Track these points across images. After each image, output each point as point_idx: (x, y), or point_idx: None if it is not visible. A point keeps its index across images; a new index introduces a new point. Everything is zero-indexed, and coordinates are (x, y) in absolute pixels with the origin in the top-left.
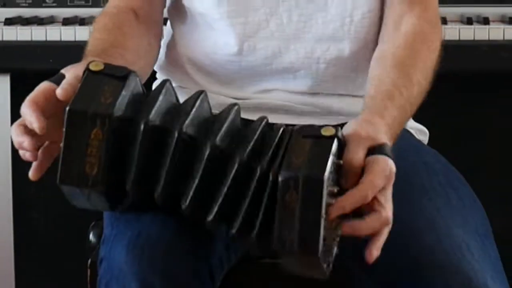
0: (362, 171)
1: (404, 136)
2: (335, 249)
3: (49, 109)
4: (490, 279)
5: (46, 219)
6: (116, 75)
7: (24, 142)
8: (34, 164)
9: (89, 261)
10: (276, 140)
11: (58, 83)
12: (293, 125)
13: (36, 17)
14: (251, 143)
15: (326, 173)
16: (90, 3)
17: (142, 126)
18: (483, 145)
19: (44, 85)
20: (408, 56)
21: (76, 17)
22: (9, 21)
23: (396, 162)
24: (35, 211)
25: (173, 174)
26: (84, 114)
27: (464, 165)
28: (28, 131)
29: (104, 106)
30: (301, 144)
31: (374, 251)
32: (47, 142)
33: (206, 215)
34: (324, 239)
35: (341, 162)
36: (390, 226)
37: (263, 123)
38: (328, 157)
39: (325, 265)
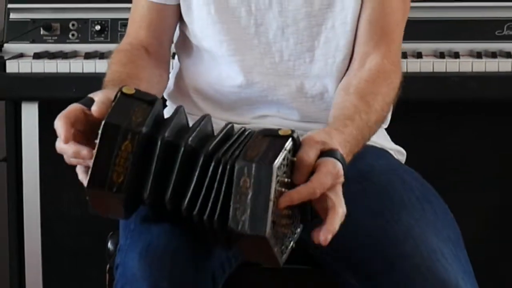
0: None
1: (385, 156)
2: (291, 243)
3: (78, 125)
4: (461, 280)
5: (71, 231)
6: (146, 99)
7: (82, 151)
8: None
9: (108, 266)
10: (242, 138)
11: (86, 105)
12: None
13: (61, 51)
14: (216, 140)
15: (276, 163)
16: (108, 40)
17: (159, 142)
18: (455, 164)
19: (74, 105)
20: (369, 88)
21: (96, 51)
22: (37, 56)
23: (376, 177)
24: (61, 225)
25: (179, 181)
26: (118, 128)
27: (438, 181)
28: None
29: (135, 123)
30: (259, 141)
31: (328, 235)
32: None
33: (192, 210)
34: (274, 222)
35: (295, 159)
36: (341, 212)
37: (228, 127)
38: (280, 151)
39: (276, 249)
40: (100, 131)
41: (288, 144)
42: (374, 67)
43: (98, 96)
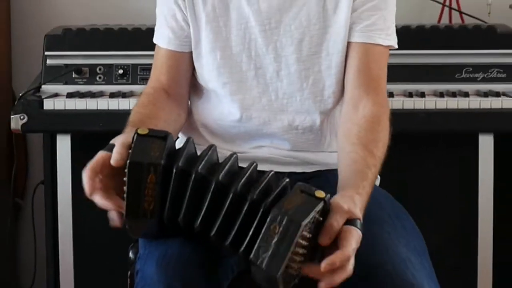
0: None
1: None
2: (295, 279)
3: (105, 170)
4: (427, 285)
5: (98, 243)
6: (159, 136)
7: (107, 205)
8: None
9: (129, 273)
10: (280, 188)
11: (109, 150)
12: (284, 173)
13: (89, 92)
14: (261, 186)
15: (305, 222)
16: (130, 82)
17: (174, 170)
18: (421, 186)
19: (100, 154)
20: (370, 137)
21: (119, 91)
22: (69, 95)
23: None
24: (90, 237)
25: (191, 203)
26: (142, 165)
27: (407, 201)
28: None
29: (155, 158)
30: (297, 195)
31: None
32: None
33: (210, 231)
34: (287, 267)
35: (321, 219)
36: (348, 272)
37: (252, 166)
38: (311, 211)
39: (282, 286)
40: (126, 170)
41: (319, 207)
42: (368, 113)
43: (117, 141)
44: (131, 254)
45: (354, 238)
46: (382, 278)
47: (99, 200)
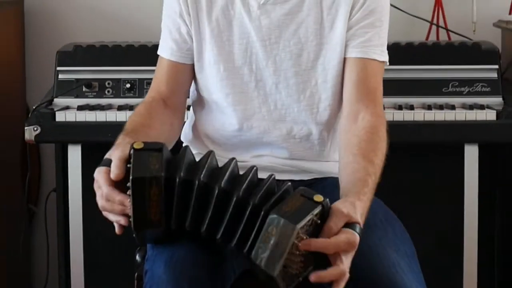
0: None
1: None
2: (299, 278)
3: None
4: (415, 287)
5: (107, 247)
6: (155, 148)
7: (121, 221)
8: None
9: (136, 274)
10: (281, 192)
11: (106, 164)
12: (283, 180)
13: (99, 104)
14: (262, 190)
15: (300, 225)
16: (136, 95)
17: (177, 180)
18: (411, 194)
19: (100, 169)
20: (369, 147)
21: (127, 104)
22: (80, 108)
23: None
24: (98, 241)
25: (196, 210)
26: (144, 179)
27: (397, 208)
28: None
29: (155, 171)
30: (296, 199)
31: None
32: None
33: (215, 235)
34: (286, 267)
35: (319, 221)
36: (346, 278)
37: (271, 178)
38: (307, 215)
39: (281, 285)
40: (130, 186)
41: (317, 210)
42: (367, 124)
43: (114, 156)
44: (137, 257)
45: (348, 239)
46: (373, 281)
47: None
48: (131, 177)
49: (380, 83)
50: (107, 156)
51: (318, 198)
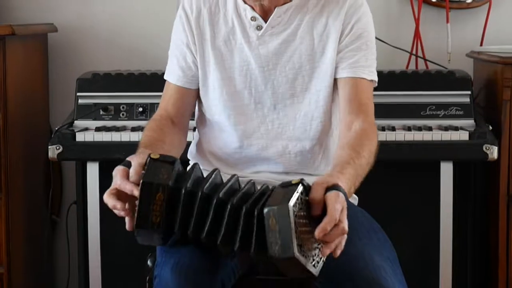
0: (324, 203)
1: None
2: (320, 257)
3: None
4: None
5: (122, 253)
6: (168, 161)
7: (117, 205)
8: (127, 219)
9: (147, 278)
10: (268, 193)
11: (126, 165)
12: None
13: (114, 126)
14: (254, 197)
15: (291, 203)
16: (148, 118)
17: (183, 191)
18: (392, 206)
19: (119, 167)
20: (357, 142)
21: (139, 126)
22: (97, 129)
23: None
24: (114, 248)
25: (199, 218)
26: (152, 184)
27: (380, 218)
28: (117, 197)
29: (163, 179)
30: (278, 192)
31: (338, 251)
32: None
33: (215, 241)
34: (300, 246)
35: (307, 198)
36: (345, 235)
37: (249, 183)
38: (293, 194)
39: (307, 264)
40: (139, 188)
41: (299, 188)
42: (359, 129)
43: (134, 161)
44: (149, 262)
45: (336, 200)
46: (360, 283)
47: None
48: (141, 180)
49: (370, 98)
50: (128, 158)
51: (295, 180)
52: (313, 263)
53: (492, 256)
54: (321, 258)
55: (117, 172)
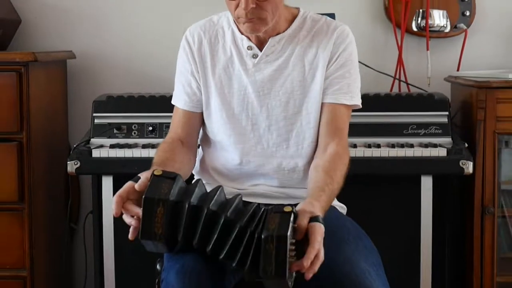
0: (307, 230)
1: (333, 211)
2: (293, 275)
3: (131, 195)
4: None
5: (134, 258)
6: (169, 177)
7: (131, 222)
8: (131, 229)
9: (156, 280)
10: (260, 214)
11: (136, 180)
12: (270, 205)
13: (126, 144)
14: (246, 216)
15: (288, 233)
16: (157, 136)
17: (186, 205)
18: (377, 215)
19: (128, 184)
20: (331, 166)
21: (149, 143)
22: (112, 146)
23: (328, 225)
24: (127, 254)
25: (203, 232)
26: (153, 200)
27: (366, 227)
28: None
29: (164, 194)
30: (273, 217)
31: (310, 274)
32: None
33: (219, 255)
34: (289, 269)
35: (296, 225)
36: (321, 260)
37: (254, 206)
38: (289, 224)
39: (289, 282)
40: (142, 202)
41: (292, 218)
42: (333, 151)
43: (142, 176)
44: (158, 266)
45: (318, 232)
46: (347, 284)
47: (124, 218)
48: (143, 196)
49: (346, 123)
50: (139, 174)
51: (287, 208)
52: (291, 279)
53: (467, 261)
54: (294, 275)
55: (124, 186)
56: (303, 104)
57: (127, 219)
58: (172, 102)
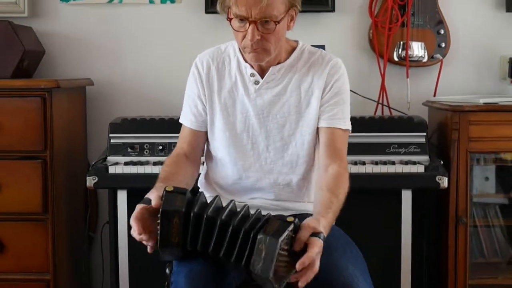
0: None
1: None
2: (287, 279)
3: (143, 217)
4: None
5: (146, 264)
6: (180, 192)
7: (142, 238)
8: (148, 246)
9: (166, 283)
10: (263, 220)
11: (146, 203)
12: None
13: (139, 161)
14: (250, 220)
15: (281, 238)
16: (167, 154)
17: (192, 214)
18: (363, 225)
19: (139, 206)
20: (335, 185)
21: (159, 161)
22: (126, 163)
23: None
24: (140, 260)
25: (206, 235)
26: (170, 212)
27: (354, 235)
28: (142, 228)
29: (178, 207)
30: (274, 222)
31: (304, 283)
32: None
33: (218, 254)
34: (276, 271)
35: (294, 235)
36: (315, 270)
37: (257, 212)
38: (285, 231)
39: (276, 285)
40: (160, 215)
41: (291, 227)
42: (334, 172)
43: (152, 196)
44: (167, 270)
45: (316, 245)
46: (336, 287)
47: (138, 236)
48: (160, 210)
49: (345, 145)
50: (147, 196)
51: (290, 219)
52: (280, 283)
53: (443, 266)
54: (286, 280)
55: (135, 212)
56: (298, 127)
57: (137, 236)
58: (180, 121)
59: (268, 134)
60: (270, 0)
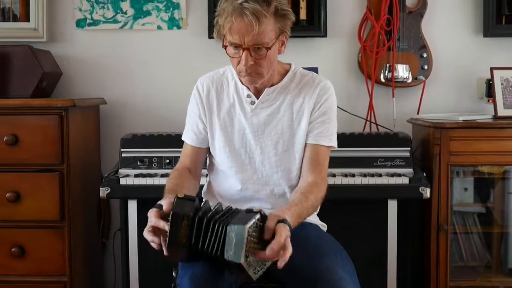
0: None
1: (315, 228)
2: (261, 269)
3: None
4: None
5: (155, 267)
6: (190, 199)
7: (154, 240)
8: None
9: (172, 285)
10: (233, 213)
11: (157, 207)
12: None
13: (148, 173)
14: (221, 213)
15: (247, 225)
16: (173, 167)
17: (197, 218)
18: (352, 232)
19: (152, 210)
20: (307, 189)
21: (167, 173)
22: (136, 176)
23: (311, 239)
24: (149, 264)
25: (197, 235)
26: (179, 214)
27: (344, 241)
28: (153, 233)
29: (188, 211)
30: (243, 214)
31: (283, 263)
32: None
33: (203, 248)
34: (247, 257)
35: (262, 224)
36: (289, 251)
37: (233, 208)
38: (251, 219)
39: (249, 271)
40: (170, 218)
41: (257, 215)
42: (311, 181)
43: (164, 202)
44: (173, 273)
45: (283, 230)
46: None
47: (149, 236)
48: (171, 212)
49: (326, 160)
50: (159, 202)
51: (257, 209)
52: (254, 271)
53: (425, 270)
54: (261, 269)
55: (151, 213)
56: (290, 144)
57: (149, 237)
58: (182, 138)
59: (263, 150)
60: (261, 29)
